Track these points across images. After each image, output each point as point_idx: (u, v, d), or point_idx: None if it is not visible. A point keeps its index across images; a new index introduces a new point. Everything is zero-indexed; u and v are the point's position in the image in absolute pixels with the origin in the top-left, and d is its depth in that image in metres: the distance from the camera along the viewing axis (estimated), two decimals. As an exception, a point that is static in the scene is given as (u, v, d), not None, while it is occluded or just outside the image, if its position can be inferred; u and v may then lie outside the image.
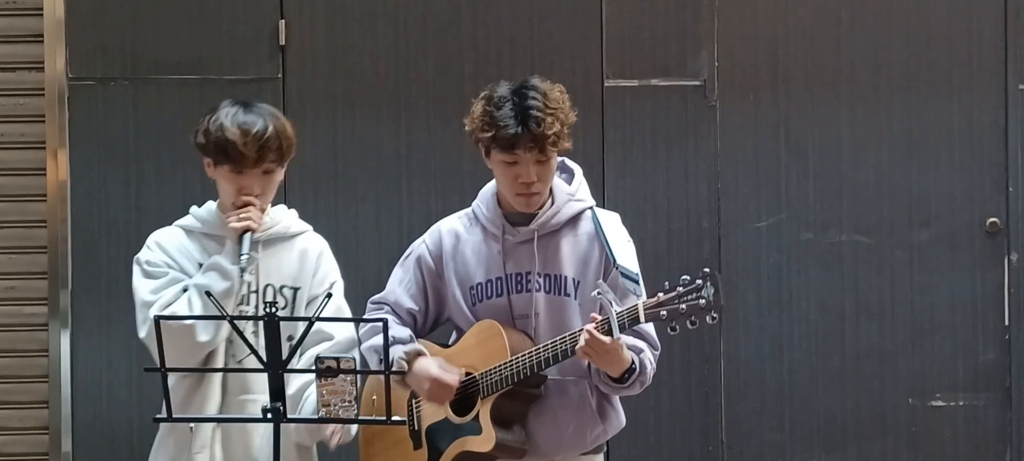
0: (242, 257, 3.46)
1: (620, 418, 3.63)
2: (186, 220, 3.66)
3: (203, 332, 3.44)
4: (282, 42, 5.19)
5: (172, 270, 3.55)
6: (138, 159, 5.20)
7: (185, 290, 3.51)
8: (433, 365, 3.50)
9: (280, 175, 3.61)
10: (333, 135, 5.23)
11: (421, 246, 3.66)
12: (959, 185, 5.24)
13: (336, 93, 5.21)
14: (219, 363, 3.51)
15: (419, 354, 3.53)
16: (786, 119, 5.24)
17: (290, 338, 3.30)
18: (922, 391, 5.24)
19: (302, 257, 3.62)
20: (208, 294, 3.43)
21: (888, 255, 5.24)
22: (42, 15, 5.18)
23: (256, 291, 3.53)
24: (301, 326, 3.27)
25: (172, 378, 3.50)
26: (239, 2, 5.19)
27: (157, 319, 3.15)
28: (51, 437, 5.20)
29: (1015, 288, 5.23)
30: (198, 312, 3.43)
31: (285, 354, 3.16)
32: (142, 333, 3.53)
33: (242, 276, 3.46)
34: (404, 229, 5.11)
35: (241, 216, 3.51)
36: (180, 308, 3.46)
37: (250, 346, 3.19)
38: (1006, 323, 5.25)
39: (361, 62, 5.21)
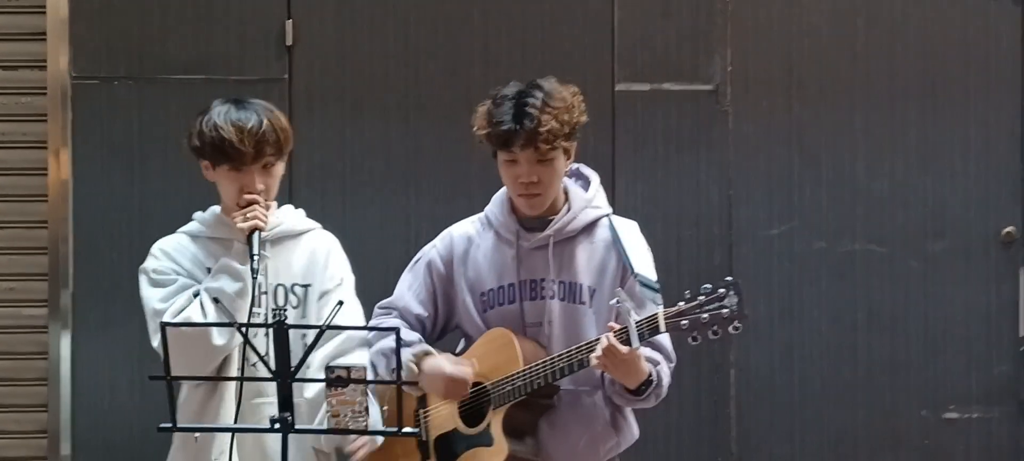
0: (254, 257, 3.41)
1: (633, 430, 3.58)
2: (190, 226, 3.62)
3: (219, 336, 3.39)
4: (289, 42, 5.15)
5: (180, 276, 3.51)
6: (142, 160, 5.16)
7: (195, 295, 3.46)
8: (445, 362, 3.45)
9: (280, 169, 3.57)
10: (340, 137, 5.18)
11: (432, 251, 3.62)
12: (974, 195, 5.20)
13: (344, 95, 5.17)
14: (234, 368, 3.45)
15: (427, 354, 3.47)
16: (799, 126, 5.20)
17: (304, 336, 3.26)
18: (935, 403, 5.20)
19: (311, 255, 3.59)
20: (216, 301, 3.36)
21: (902, 265, 5.20)
22: (45, 12, 5.13)
23: (266, 292, 3.49)
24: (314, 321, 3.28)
25: (186, 387, 3.47)
26: (246, 1, 5.14)
27: (163, 326, 3.09)
28: (50, 441, 5.14)
29: (1031, 299, 5.21)
30: (212, 317, 3.39)
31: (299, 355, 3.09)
32: (155, 342, 3.46)
33: (255, 276, 3.39)
34: (411, 233, 5.06)
35: (247, 215, 3.46)
36: (193, 314, 3.41)
37: (259, 355, 3.13)
38: (1021, 335, 5.20)
39: (369, 64, 5.17)
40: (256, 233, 3.44)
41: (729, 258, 5.17)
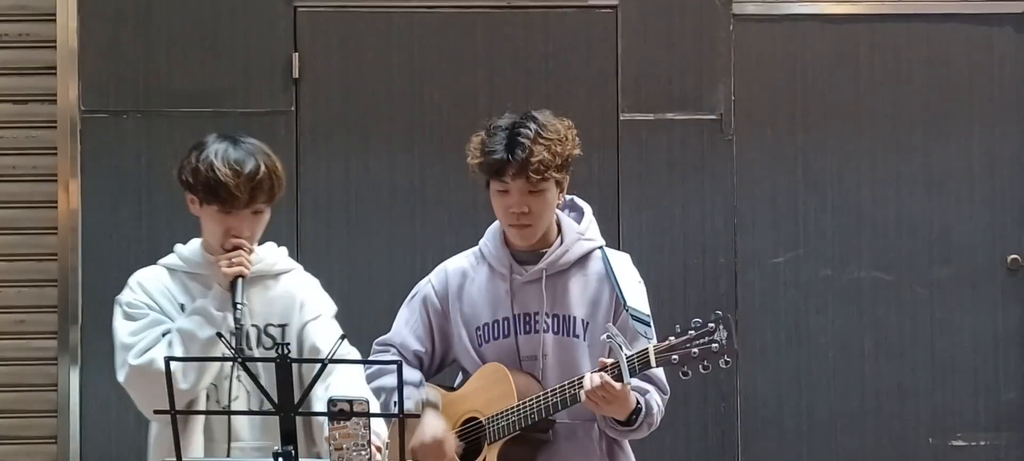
0: (236, 306, 3.29)
1: (631, 461, 3.58)
2: (169, 259, 3.52)
3: (183, 380, 3.27)
4: (296, 75, 5.18)
5: (152, 311, 3.41)
6: (150, 192, 5.18)
7: (165, 334, 3.36)
8: (441, 427, 3.46)
9: (268, 215, 3.44)
10: (346, 168, 5.20)
11: (427, 286, 3.61)
12: (980, 222, 5.21)
13: (350, 126, 5.20)
14: (200, 408, 3.35)
15: (435, 406, 3.48)
16: (804, 153, 5.22)
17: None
18: (943, 431, 5.20)
19: (287, 296, 3.45)
20: (220, 334, 3.28)
21: (908, 292, 5.20)
22: (55, 47, 5.17)
23: (235, 333, 3.33)
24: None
25: (154, 428, 3.41)
26: (253, 35, 5.18)
27: (167, 359, 2.96)
28: (58, 473, 5.17)
29: (1037, 326, 5.20)
30: (179, 356, 3.27)
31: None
32: (120, 377, 3.37)
33: (237, 325, 3.28)
34: (417, 264, 5.05)
35: (233, 260, 3.34)
36: (159, 353, 3.29)
37: (262, 388, 3.02)
38: (1028, 362, 5.21)
39: (375, 95, 5.20)
40: (239, 280, 3.32)
41: (735, 286, 5.17)
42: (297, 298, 3.44)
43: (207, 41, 5.19)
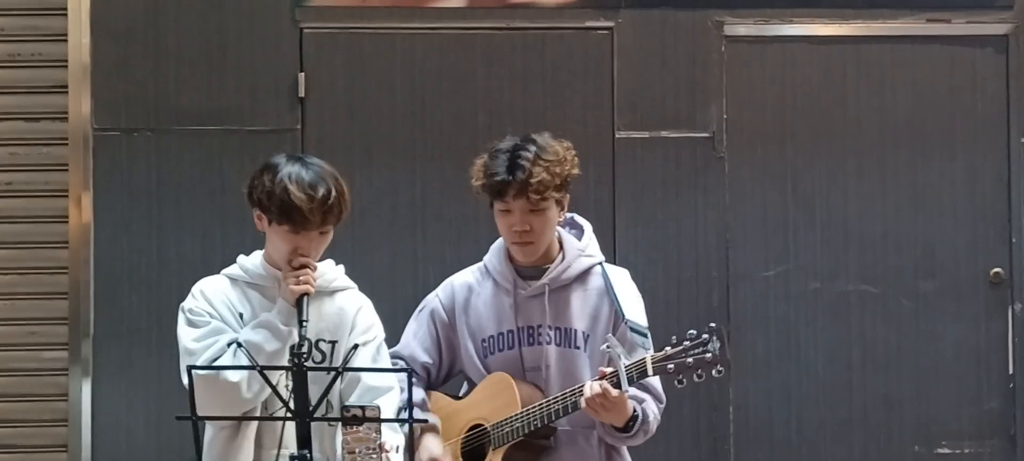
0: (303, 324, 3.37)
1: (629, 469, 3.70)
2: (232, 269, 3.58)
3: (247, 390, 3.36)
4: (302, 94, 5.26)
5: (214, 319, 3.48)
6: (160, 207, 5.26)
7: (230, 344, 3.42)
8: (437, 445, 3.58)
9: (332, 234, 3.53)
10: (350, 185, 5.11)
11: (434, 300, 3.73)
12: (963, 237, 5.30)
13: (354, 143, 5.27)
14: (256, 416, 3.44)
15: (433, 429, 3.60)
16: (793, 170, 5.30)
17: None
18: (928, 439, 5.28)
19: (339, 313, 3.54)
20: (239, 344, 3.38)
21: (894, 305, 5.29)
22: (67, 67, 5.26)
23: (291, 344, 3.43)
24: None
25: (209, 431, 3.48)
26: (260, 55, 5.26)
27: (190, 370, 3.13)
28: (69, 481, 5.24)
29: (1019, 337, 5.28)
30: (202, 365, 3.33)
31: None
32: (185, 381, 3.41)
33: (302, 342, 3.34)
34: (419, 278, 5.16)
35: (300, 278, 3.41)
36: (226, 363, 3.36)
37: (278, 394, 3.17)
38: (1010, 372, 5.29)
39: (378, 114, 5.28)
40: (305, 297, 3.40)
41: (727, 299, 5.26)
42: (350, 318, 3.53)
43: (215, 61, 5.26)
